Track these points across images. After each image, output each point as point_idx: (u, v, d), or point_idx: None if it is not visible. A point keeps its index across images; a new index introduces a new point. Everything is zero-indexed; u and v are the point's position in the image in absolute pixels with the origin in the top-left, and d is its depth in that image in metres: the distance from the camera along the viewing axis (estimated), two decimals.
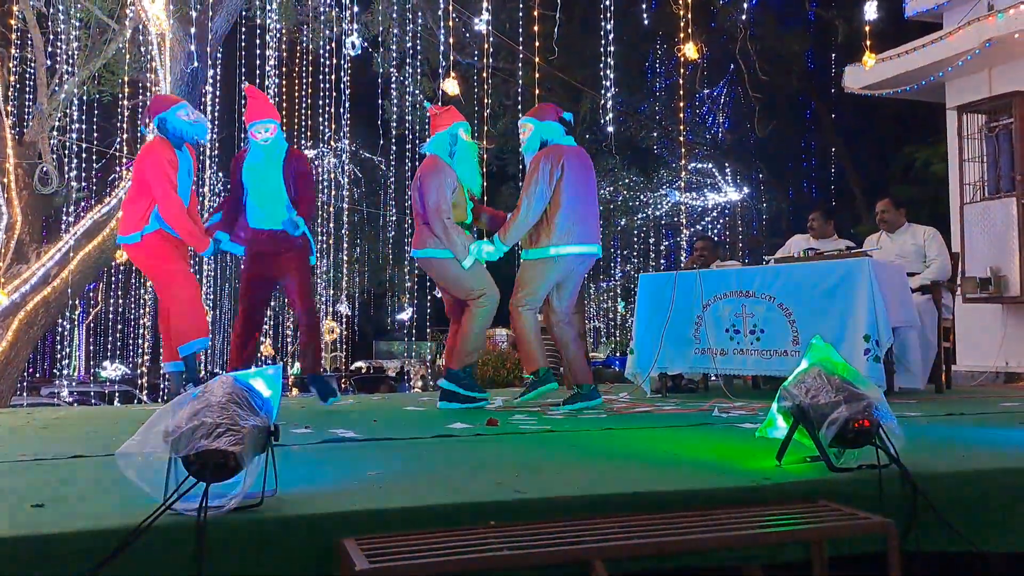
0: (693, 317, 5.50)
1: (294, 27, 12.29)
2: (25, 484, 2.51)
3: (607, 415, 4.52)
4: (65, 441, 3.67)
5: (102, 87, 10.88)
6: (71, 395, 13.53)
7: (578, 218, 4.83)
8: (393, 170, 19.89)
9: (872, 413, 2.34)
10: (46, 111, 8.31)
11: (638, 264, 20.89)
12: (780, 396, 2.57)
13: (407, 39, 12.45)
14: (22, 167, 8.15)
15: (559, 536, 1.95)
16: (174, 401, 2.09)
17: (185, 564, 1.84)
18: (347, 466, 2.76)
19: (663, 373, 5.73)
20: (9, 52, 9.09)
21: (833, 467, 2.40)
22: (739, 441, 3.22)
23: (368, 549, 1.84)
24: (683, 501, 2.21)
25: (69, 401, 12.95)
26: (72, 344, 14.90)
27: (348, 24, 10.17)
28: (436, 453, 3.16)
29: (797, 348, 4.99)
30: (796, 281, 5.15)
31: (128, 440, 2.02)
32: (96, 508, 2.09)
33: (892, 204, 6.36)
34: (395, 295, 27.89)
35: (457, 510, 2.08)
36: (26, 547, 1.80)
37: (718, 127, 20.56)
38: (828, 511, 2.16)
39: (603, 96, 10.36)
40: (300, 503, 2.08)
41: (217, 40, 8.39)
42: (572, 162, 4.85)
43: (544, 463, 2.83)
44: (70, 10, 8.85)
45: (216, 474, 1.92)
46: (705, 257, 6.73)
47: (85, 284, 8.95)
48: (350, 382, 20.98)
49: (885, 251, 6.07)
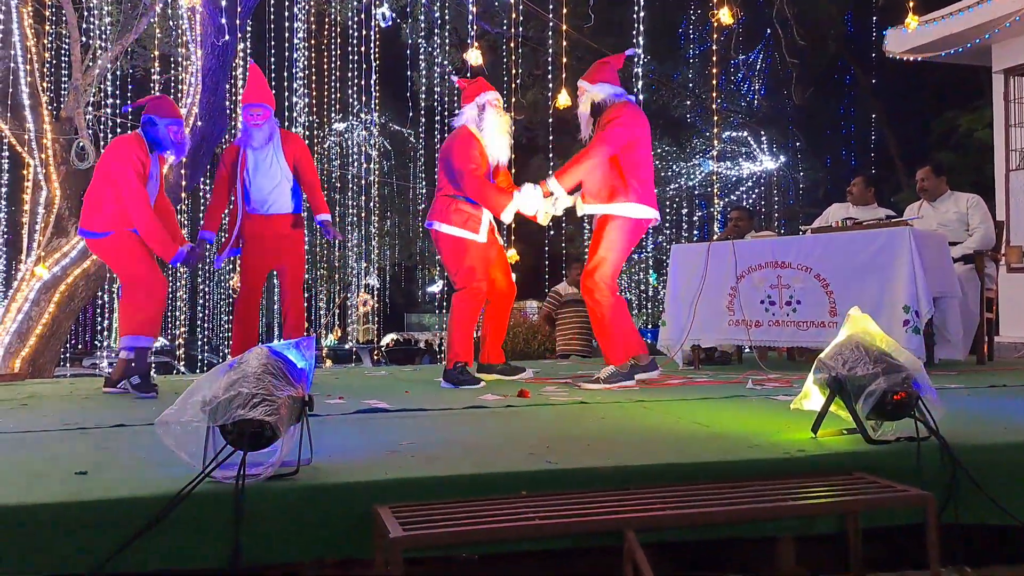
0: (727, 288, 5.44)
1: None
2: (70, 452, 2.57)
3: (639, 387, 4.50)
4: (107, 411, 3.74)
5: (135, 62, 10.95)
6: (111, 366, 13.77)
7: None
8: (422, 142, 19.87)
9: (911, 385, 2.31)
10: (81, 87, 8.38)
11: (671, 235, 20.71)
12: (816, 368, 2.54)
13: (435, 9, 12.36)
14: (59, 142, 8.24)
15: (591, 506, 1.95)
16: (210, 372, 2.12)
17: (223, 530, 1.88)
18: (380, 436, 2.78)
19: (696, 345, 5.69)
20: (44, 29, 9.17)
21: (870, 439, 2.37)
22: (774, 413, 3.20)
23: (402, 516, 1.86)
24: (716, 473, 2.19)
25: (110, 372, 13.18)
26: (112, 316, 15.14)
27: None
28: (468, 424, 3.17)
29: (834, 319, 4.93)
30: (834, 251, 5.07)
31: (167, 410, 2.05)
32: (137, 476, 2.13)
33: (932, 172, 6.21)
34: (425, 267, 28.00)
35: (489, 479, 2.09)
36: (70, 513, 1.84)
37: (753, 94, 20.21)
38: (864, 483, 2.13)
39: (634, 64, 10.22)
40: (335, 472, 2.10)
41: (247, 12, 8.38)
42: (640, 117, 4.74)
43: (576, 434, 2.83)
44: None
45: (253, 443, 1.94)
46: (740, 227, 6.65)
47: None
48: (383, 354, 21.15)
49: (926, 220, 5.94)
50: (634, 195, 4.58)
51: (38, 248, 8.02)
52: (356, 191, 18.39)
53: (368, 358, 18.61)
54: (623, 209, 4.58)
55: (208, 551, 1.88)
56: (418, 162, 21.59)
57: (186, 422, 2.03)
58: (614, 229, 4.60)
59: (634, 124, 4.64)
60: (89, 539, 1.81)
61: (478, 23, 10.01)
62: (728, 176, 20.56)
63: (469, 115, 4.92)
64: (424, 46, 14.10)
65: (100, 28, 8.89)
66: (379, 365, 16.51)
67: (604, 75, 4.78)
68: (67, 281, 7.90)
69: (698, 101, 19.31)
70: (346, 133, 21.81)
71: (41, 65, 8.59)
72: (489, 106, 4.90)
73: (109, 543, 1.81)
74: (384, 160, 22.82)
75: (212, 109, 8.05)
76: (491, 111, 4.89)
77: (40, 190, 8.19)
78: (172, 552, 1.86)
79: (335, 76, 13.43)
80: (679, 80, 19.38)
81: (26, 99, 8.19)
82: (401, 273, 28.21)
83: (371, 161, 20.15)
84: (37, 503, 1.86)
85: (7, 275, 9.44)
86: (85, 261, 7.90)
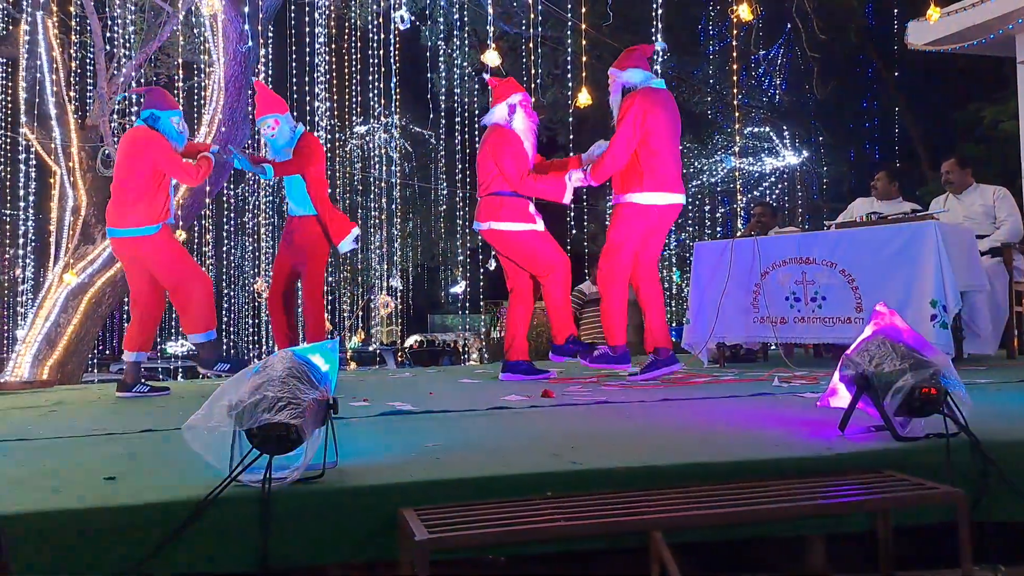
0: (751, 285, 5.41)
1: (342, 2, 12.32)
2: (98, 458, 2.60)
3: (664, 386, 4.49)
4: (134, 416, 3.78)
5: (158, 70, 11.06)
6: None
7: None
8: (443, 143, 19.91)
9: (939, 380, 2.28)
10: (106, 95, 8.49)
11: (693, 232, 20.59)
12: (843, 364, 2.51)
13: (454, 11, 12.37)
14: (85, 150, 8.35)
15: (617, 507, 1.94)
16: (235, 376, 2.13)
17: (251, 533, 1.89)
18: (405, 438, 2.79)
19: (721, 343, 5.66)
20: (70, 39, 9.29)
21: (899, 436, 2.34)
22: (800, 411, 3.17)
23: (427, 519, 1.86)
24: (743, 472, 2.18)
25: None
26: None
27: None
28: (492, 425, 3.17)
29: (860, 315, 4.88)
30: (859, 246, 5.03)
31: (194, 414, 2.07)
32: (165, 480, 2.15)
33: (957, 164, 6.14)
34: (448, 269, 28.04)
35: (514, 481, 2.08)
36: (100, 519, 1.86)
37: (774, 89, 20.06)
38: (894, 481, 2.11)
39: (655, 61, 10.17)
40: (360, 474, 2.11)
41: (268, 18, 8.45)
42: (656, 106, 4.77)
43: (601, 434, 2.83)
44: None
45: (278, 446, 1.95)
46: (763, 223, 6.61)
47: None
48: (406, 356, 21.21)
49: (952, 213, 5.87)
50: (647, 186, 4.73)
51: (65, 255, 8.12)
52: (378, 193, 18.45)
53: (392, 359, 18.67)
54: (630, 198, 4.78)
55: (236, 554, 1.89)
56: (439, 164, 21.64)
57: (213, 427, 2.04)
58: (616, 216, 4.88)
59: (643, 116, 4.70)
60: (118, 544, 1.83)
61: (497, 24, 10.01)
62: (751, 172, 20.42)
63: (499, 114, 5.01)
64: (443, 48, 14.11)
65: (124, 37, 8.99)
66: (403, 367, 16.56)
67: (632, 60, 4.86)
68: (94, 288, 8.00)
69: (719, 97, 19.18)
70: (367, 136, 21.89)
71: (67, 74, 8.70)
72: (519, 107, 4.99)
73: (138, 548, 1.83)
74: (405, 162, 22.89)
75: (235, 115, 8.12)
76: (521, 112, 4.98)
77: (67, 198, 8.30)
78: (200, 556, 1.87)
79: (356, 80, 13.49)
80: (699, 77, 19.26)
81: (52, 108, 8.30)
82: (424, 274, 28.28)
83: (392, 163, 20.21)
84: (67, 509, 1.88)
85: (35, 282, 9.57)
86: (111, 268, 7.99)
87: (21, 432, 3.28)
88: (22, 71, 8.42)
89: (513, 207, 4.95)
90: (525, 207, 5.01)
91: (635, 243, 4.80)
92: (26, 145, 9.52)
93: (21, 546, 1.78)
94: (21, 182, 10.66)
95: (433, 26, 14.06)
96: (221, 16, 7.90)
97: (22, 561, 1.78)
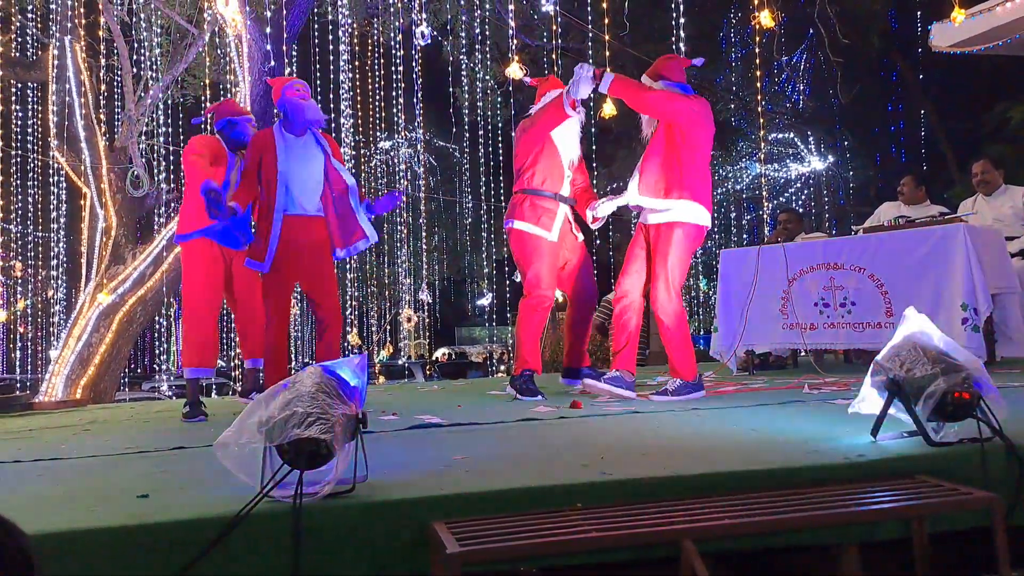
0: (779, 292, 5.37)
1: (364, 20, 12.45)
2: (131, 475, 2.63)
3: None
4: (166, 433, 3.82)
5: (185, 90, 11.24)
6: (170, 388, 14.09)
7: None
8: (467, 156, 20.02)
9: (972, 384, 2.25)
10: (134, 117, 8.63)
11: (720, 240, 20.51)
12: (873, 370, 2.49)
13: (475, 25, 12.46)
14: (114, 172, 8.49)
15: (648, 517, 1.93)
16: (265, 393, 2.15)
17: (282, 549, 1.90)
18: (434, 451, 2.79)
19: (750, 350, 5.62)
20: (97, 62, 9.47)
21: (932, 442, 2.31)
22: (831, 418, 3.14)
23: (458, 532, 1.86)
24: (775, 480, 2.16)
25: (169, 395, 13.49)
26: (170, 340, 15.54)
27: (416, 14, 10.24)
28: (521, 437, 3.17)
29: (890, 320, 4.84)
30: (887, 250, 4.98)
31: (225, 431, 2.09)
32: (197, 497, 2.17)
33: (991, 164, 6.07)
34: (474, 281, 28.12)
35: (544, 492, 2.08)
36: (134, 537, 1.87)
37: (798, 95, 19.96)
38: (928, 487, 2.08)
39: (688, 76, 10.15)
40: (391, 488, 2.12)
41: (292, 38, 8.55)
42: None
43: (630, 444, 2.81)
44: (151, 18, 9.16)
45: (309, 461, 1.97)
46: (789, 230, 6.57)
47: (179, 282, 9.27)
48: (435, 369, 21.26)
49: (981, 215, 5.81)
50: (689, 193, 4.31)
51: (96, 276, 8.24)
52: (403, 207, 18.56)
53: (420, 373, 18.74)
54: (682, 211, 4.34)
55: (268, 570, 1.90)
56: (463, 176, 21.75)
57: (244, 443, 2.06)
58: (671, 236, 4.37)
59: (698, 116, 4.38)
60: (152, 561, 1.85)
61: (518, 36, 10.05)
62: (776, 178, 20.30)
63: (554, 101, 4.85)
64: (465, 62, 14.20)
65: (150, 59, 9.14)
66: (431, 380, 16.61)
67: (667, 70, 4.52)
68: (125, 307, 8.12)
69: (742, 104, 19.12)
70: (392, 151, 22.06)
71: (95, 97, 8.86)
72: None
73: (172, 565, 1.84)
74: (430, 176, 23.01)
75: None
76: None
77: (97, 219, 8.43)
78: (233, 571, 1.88)
79: (379, 95, 13.61)
80: (722, 84, 19.22)
81: (81, 131, 8.45)
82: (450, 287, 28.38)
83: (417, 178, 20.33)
84: (101, 527, 1.90)
85: (67, 303, 9.72)
86: (142, 287, 8.10)
87: (55, 451, 3.32)
88: (52, 95, 8.58)
89: (535, 208, 4.65)
90: (549, 212, 4.66)
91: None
92: (57, 168, 9.70)
93: (55, 565, 1.81)
94: (52, 204, 10.87)
95: (454, 40, 14.15)
96: (246, 37, 8.01)
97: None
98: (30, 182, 13.77)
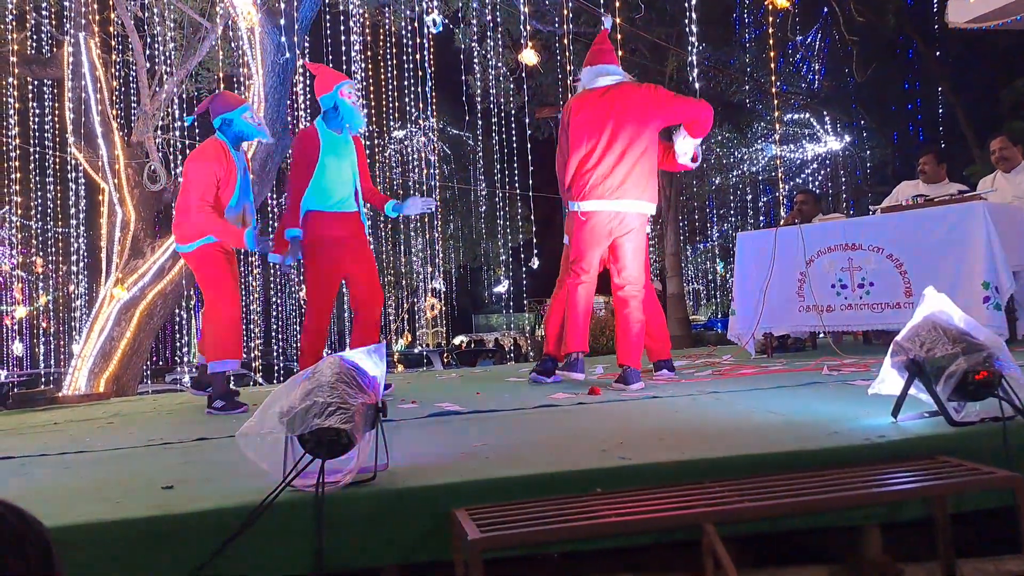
0: (796, 274, 5.34)
1: (376, 9, 12.43)
2: (156, 467, 2.66)
3: (712, 379, 4.45)
4: (189, 425, 3.86)
5: (199, 84, 11.27)
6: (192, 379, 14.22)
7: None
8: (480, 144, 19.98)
9: (993, 363, 2.24)
10: (149, 111, 8.67)
11: (736, 223, 20.40)
12: (893, 351, 2.47)
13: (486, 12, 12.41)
14: (131, 166, 8.55)
15: (668, 501, 1.94)
16: (287, 382, 2.17)
17: (306, 537, 1.92)
18: (454, 438, 2.81)
19: (768, 333, 5.60)
20: (112, 58, 9.51)
21: (953, 422, 2.30)
22: (851, 399, 3.13)
23: (479, 518, 1.87)
24: (796, 462, 2.16)
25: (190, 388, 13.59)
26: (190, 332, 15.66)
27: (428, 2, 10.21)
28: (540, 423, 3.18)
29: (910, 300, 4.80)
30: (906, 230, 4.94)
31: (247, 422, 2.11)
32: (221, 487, 2.19)
33: (1009, 140, 5.99)
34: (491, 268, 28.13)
35: (564, 478, 2.09)
36: (159, 526, 1.90)
37: (813, 75, 19.77)
38: (949, 467, 2.07)
39: (689, 52, 10.08)
40: (411, 476, 2.13)
41: (304, 29, 8.55)
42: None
43: (648, 429, 2.82)
44: (164, 12, 9.19)
45: (330, 451, 1.99)
46: (805, 211, 6.52)
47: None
48: (452, 356, 21.32)
49: (1001, 192, 5.74)
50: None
51: (116, 270, 8.31)
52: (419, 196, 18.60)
53: (439, 361, 18.79)
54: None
55: (292, 558, 1.92)
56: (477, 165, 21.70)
57: (266, 433, 2.08)
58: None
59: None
60: (177, 551, 1.88)
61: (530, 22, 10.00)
62: (792, 159, 20.15)
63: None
64: (477, 49, 14.16)
65: (165, 54, 9.18)
66: (449, 367, 16.65)
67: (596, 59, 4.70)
68: (145, 300, 8.18)
69: (757, 86, 18.97)
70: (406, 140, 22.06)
71: (111, 93, 8.90)
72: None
73: (197, 554, 1.87)
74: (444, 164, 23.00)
75: (275, 126, 8.23)
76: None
77: (115, 214, 8.49)
78: (257, 560, 1.91)
79: (392, 85, 13.60)
80: (736, 65, 19.06)
81: (98, 127, 8.50)
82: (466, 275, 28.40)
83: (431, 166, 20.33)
84: (127, 518, 1.93)
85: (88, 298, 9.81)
86: (162, 281, 8.16)
87: (80, 445, 3.37)
88: (68, 91, 8.64)
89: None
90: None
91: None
92: (75, 164, 9.77)
93: (84, 556, 1.83)
94: (71, 200, 10.96)
95: (466, 28, 14.12)
96: (258, 29, 8.02)
97: (83, 571, 1.83)
98: (49, 179, 13.90)
